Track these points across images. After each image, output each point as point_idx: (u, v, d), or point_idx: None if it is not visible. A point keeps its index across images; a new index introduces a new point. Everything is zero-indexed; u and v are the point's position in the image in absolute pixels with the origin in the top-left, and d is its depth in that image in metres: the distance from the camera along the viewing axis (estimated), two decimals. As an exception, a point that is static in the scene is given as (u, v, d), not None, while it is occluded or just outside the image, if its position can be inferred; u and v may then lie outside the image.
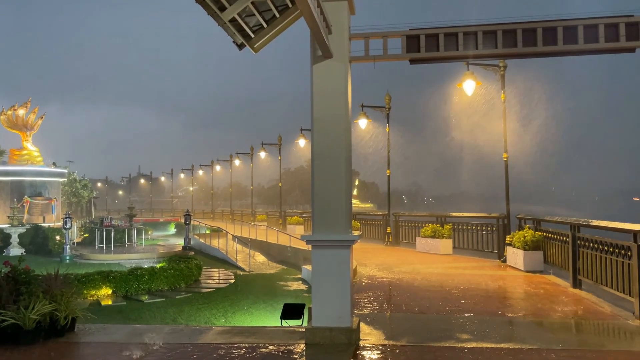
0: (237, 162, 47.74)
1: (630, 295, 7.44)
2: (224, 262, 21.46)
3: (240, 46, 7.25)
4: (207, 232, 30.49)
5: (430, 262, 14.22)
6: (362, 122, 20.96)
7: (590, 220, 9.51)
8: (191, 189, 75.41)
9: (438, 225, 16.91)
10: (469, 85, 14.00)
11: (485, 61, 13.91)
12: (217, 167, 54.85)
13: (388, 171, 20.82)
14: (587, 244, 9.22)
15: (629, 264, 7.47)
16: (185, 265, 15.86)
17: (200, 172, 63.43)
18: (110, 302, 13.18)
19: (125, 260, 20.67)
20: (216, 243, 24.63)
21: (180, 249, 23.45)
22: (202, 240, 26.69)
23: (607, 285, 8.30)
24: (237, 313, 12.18)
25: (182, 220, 25.84)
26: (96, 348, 6.27)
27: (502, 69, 14.04)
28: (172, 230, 45.08)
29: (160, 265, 16.35)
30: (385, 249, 18.70)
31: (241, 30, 6.96)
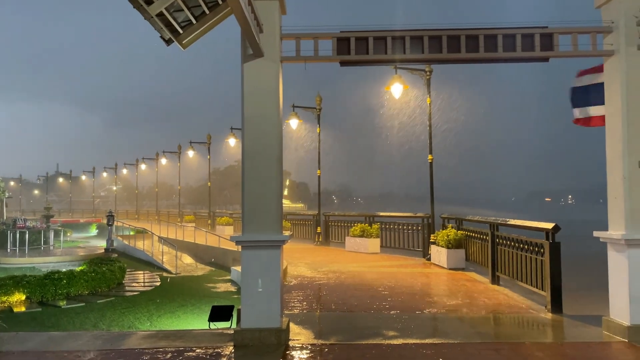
0: (163, 161, 46.29)
1: (542, 290, 7.94)
2: (149, 264, 20.78)
3: (168, 42, 7.03)
4: (132, 233, 29.39)
5: (358, 261, 14.48)
6: (294, 122, 20.99)
7: (507, 220, 10.06)
8: (114, 188, 72.26)
9: (367, 224, 17.26)
10: (396, 89, 14.38)
11: (412, 65, 14.34)
12: (143, 166, 52.91)
13: (319, 171, 20.97)
14: (504, 242, 9.74)
15: (542, 260, 7.97)
16: (108, 268, 15.19)
17: (125, 171, 60.94)
18: (23, 309, 12.35)
19: (41, 263, 19.54)
20: (141, 245, 23.80)
21: (103, 251, 22.45)
22: (126, 242, 25.68)
23: (522, 281, 8.80)
24: (163, 317, 11.81)
25: (105, 221, 24.77)
26: (7, 358, 5.85)
27: (428, 73, 14.54)
28: (94, 231, 43.17)
29: (80, 268, 15.53)
30: (316, 248, 18.84)
31: (169, 26, 6.75)
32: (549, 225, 7.81)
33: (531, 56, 6.49)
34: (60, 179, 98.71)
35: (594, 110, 6.94)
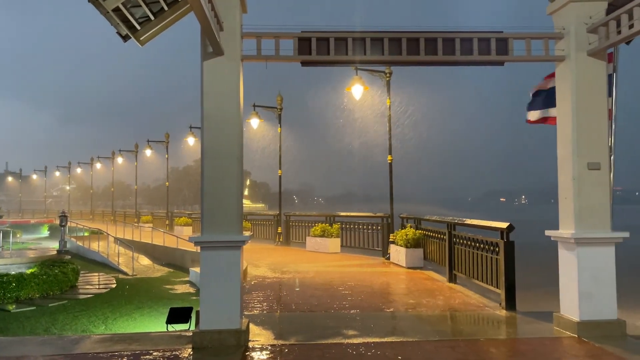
0: (120, 160, 45.12)
1: (497, 288, 8.17)
2: (104, 266, 20.23)
3: (125, 38, 6.85)
4: (86, 234, 28.48)
5: (319, 260, 14.52)
6: (254, 122, 20.89)
7: (464, 219, 10.30)
8: (68, 188, 69.98)
9: (327, 224, 17.33)
10: (357, 90, 14.51)
11: (373, 67, 14.50)
12: (98, 165, 51.47)
13: (280, 171, 20.92)
14: (461, 241, 9.96)
15: (497, 259, 8.19)
16: (60, 270, 14.69)
17: (79, 170, 59.12)
18: (-31, 314, 11.79)
19: (-12, 266, 18.63)
20: (96, 246, 23.14)
21: (55, 252, 21.61)
22: (80, 243, 24.90)
23: (478, 279, 9.02)
24: (119, 319, 11.51)
25: (57, 222, 23.94)
26: (-49, 366, 5.58)
27: (387, 75, 14.73)
28: (45, 232, 41.71)
29: (30, 270, 14.93)
30: (276, 248, 18.78)
31: (126, 21, 6.58)
32: (504, 225, 8.04)
33: (487, 60, 6.66)
34: (10, 178, 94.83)
35: (553, 112, 7.19)
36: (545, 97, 7.42)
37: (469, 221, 9.98)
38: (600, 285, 6.36)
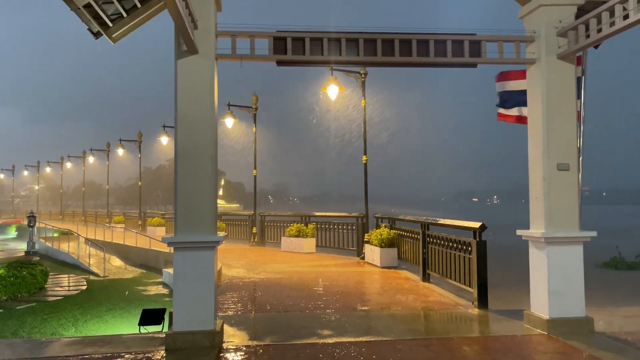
0: (91, 159, 44.24)
1: (470, 287, 8.29)
2: (75, 267, 19.80)
3: (97, 35, 6.72)
4: (56, 235, 27.85)
5: (294, 261, 14.50)
6: (229, 121, 20.74)
7: (437, 219, 10.42)
8: (37, 187, 68.32)
9: (302, 224, 17.32)
10: (332, 90, 14.54)
11: (348, 67, 14.54)
12: (68, 164, 50.31)
13: (255, 171, 20.81)
14: (435, 240, 10.07)
15: (469, 258, 8.31)
16: (29, 272, 14.32)
17: (48, 170, 57.65)
18: None
19: (-47, 268, 18.06)
20: (66, 247, 22.62)
21: (23, 253, 21.16)
22: (49, 244, 24.31)
23: (451, 278, 9.14)
24: (90, 322, 11.28)
25: (25, 223, 23.34)
26: None
27: (363, 76, 14.79)
28: (13, 233, 40.63)
29: (-3, 272, 14.55)
30: (251, 249, 18.69)
31: (98, 18, 6.46)
32: (476, 225, 8.16)
33: (460, 62, 6.75)
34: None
35: (525, 111, 7.29)
36: (519, 95, 7.47)
37: (442, 221, 10.10)
38: (569, 283, 6.52)
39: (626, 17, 5.46)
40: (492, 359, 5.56)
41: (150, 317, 7.55)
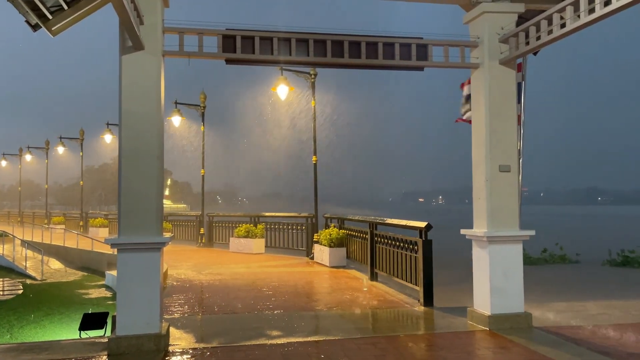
0: (28, 157, 42.17)
1: (416, 285, 8.47)
2: (10, 270, 18.87)
3: (35, 27, 6.40)
4: (-12, 237, 26.41)
5: (243, 261, 14.37)
6: (176, 120, 20.33)
7: (385, 219, 10.59)
8: (-32, 187, 64.45)
9: (251, 225, 17.18)
10: (282, 90, 14.51)
11: (298, 68, 14.54)
12: (3, 163, 47.79)
13: (202, 171, 20.47)
14: (382, 240, 10.22)
15: (415, 257, 8.49)
16: (-42, 277, 13.51)
17: (-19, 168, 54.54)
18: None
19: None
20: (0, 249, 21.50)
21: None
22: (-19, 247, 23.02)
23: (398, 277, 9.31)
24: (27, 327, 10.77)
25: (-45, 224, 22.00)
26: None
27: (312, 76, 14.84)
28: (-59, 235, 38.14)
29: None
30: (199, 250, 18.38)
31: (36, 10, 6.16)
32: (422, 224, 8.35)
33: (408, 65, 6.89)
34: None
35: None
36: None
37: (389, 221, 10.27)
38: (509, 280, 6.78)
39: (563, 25, 5.74)
40: (438, 355, 5.70)
41: (92, 321, 7.29)
